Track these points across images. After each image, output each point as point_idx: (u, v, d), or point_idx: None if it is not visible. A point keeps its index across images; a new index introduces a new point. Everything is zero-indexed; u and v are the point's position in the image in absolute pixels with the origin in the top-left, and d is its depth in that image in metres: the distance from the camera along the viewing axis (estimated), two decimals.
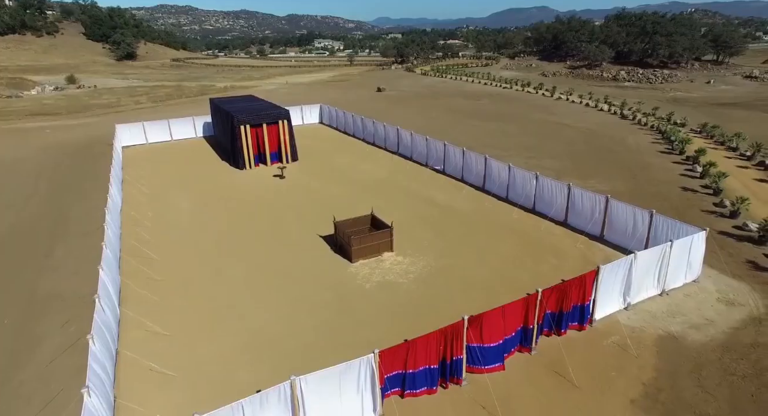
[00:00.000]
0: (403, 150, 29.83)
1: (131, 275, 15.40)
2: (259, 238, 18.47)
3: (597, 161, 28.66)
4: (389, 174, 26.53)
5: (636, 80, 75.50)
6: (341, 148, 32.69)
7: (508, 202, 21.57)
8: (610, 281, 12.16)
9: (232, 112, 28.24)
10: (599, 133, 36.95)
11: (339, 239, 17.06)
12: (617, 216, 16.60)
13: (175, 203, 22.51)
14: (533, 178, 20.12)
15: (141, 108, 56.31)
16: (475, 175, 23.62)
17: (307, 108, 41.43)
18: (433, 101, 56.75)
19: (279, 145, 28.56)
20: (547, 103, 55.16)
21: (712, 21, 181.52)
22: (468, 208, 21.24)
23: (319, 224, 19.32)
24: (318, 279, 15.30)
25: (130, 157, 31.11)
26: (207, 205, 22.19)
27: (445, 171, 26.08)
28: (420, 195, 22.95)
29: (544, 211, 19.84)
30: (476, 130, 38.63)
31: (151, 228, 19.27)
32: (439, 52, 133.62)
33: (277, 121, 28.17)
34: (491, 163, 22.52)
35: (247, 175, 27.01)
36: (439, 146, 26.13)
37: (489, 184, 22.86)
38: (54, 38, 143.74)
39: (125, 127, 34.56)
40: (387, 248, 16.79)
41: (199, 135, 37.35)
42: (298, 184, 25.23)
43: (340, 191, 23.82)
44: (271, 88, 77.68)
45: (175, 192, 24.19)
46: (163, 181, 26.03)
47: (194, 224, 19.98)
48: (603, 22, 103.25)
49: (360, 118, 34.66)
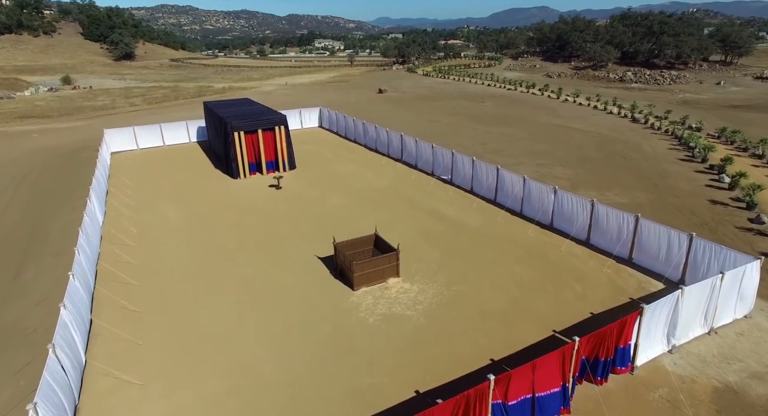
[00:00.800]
0: (407, 157, 28.13)
1: (104, 306, 13.72)
2: (252, 258, 16.80)
3: (612, 169, 26.96)
4: (392, 183, 24.86)
5: (643, 81, 73.77)
6: (341, 155, 31.01)
7: (523, 217, 19.88)
8: (654, 321, 10.48)
9: (225, 118, 26.57)
10: (611, 137, 35.26)
11: (339, 263, 15.38)
12: (649, 238, 14.91)
13: (162, 216, 20.83)
14: (551, 192, 18.44)
15: (136, 110, 54.68)
16: (486, 187, 21.92)
17: (306, 111, 39.75)
18: (435, 103, 55.08)
19: (276, 152, 26.88)
20: (554, 105, 53.49)
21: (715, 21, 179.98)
22: (479, 223, 19.55)
23: (317, 241, 17.66)
24: (316, 309, 13.62)
25: (119, 164, 29.45)
26: (197, 219, 20.51)
27: (452, 181, 24.39)
28: (426, 207, 21.27)
29: (564, 229, 18.14)
30: (482, 134, 36.96)
31: (133, 248, 17.59)
32: (440, 53, 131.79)
33: (273, 127, 26.49)
34: (504, 175, 20.83)
35: (242, 185, 25.34)
36: (447, 154, 24.45)
37: (501, 197, 21.17)
38: (51, 38, 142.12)
39: (115, 132, 32.90)
40: (393, 273, 15.11)
41: (192, 140, 35.71)
42: (295, 194, 23.56)
43: (341, 202, 22.16)
44: (270, 89, 76.07)
45: (164, 203, 22.52)
46: (151, 190, 24.36)
47: (181, 241, 18.29)
48: (608, 22, 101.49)
49: (362, 123, 32.98)
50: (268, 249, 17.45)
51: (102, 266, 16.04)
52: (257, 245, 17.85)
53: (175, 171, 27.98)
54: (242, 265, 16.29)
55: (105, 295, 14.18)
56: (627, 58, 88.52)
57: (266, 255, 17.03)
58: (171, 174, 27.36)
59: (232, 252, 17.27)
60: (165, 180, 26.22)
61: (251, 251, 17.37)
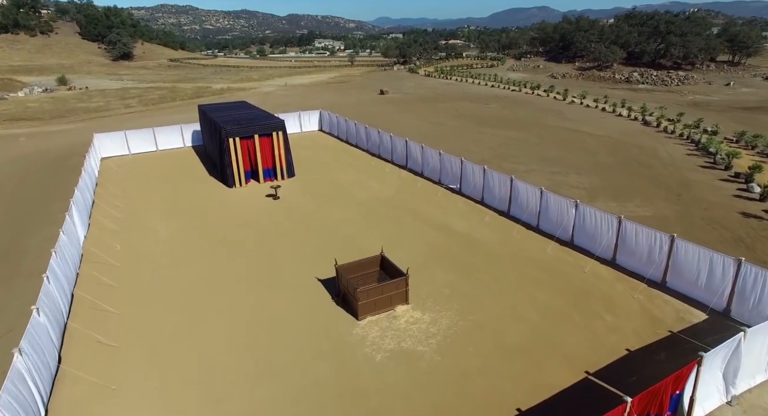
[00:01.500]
0: (412, 165, 26.58)
1: (76, 341, 12.20)
2: (246, 281, 15.28)
3: (630, 177, 25.43)
4: (397, 193, 23.33)
5: (650, 82, 72.23)
6: (343, 161, 29.47)
7: (540, 232, 18.35)
8: (711, 369, 8.96)
9: (220, 123, 25.04)
10: (625, 142, 33.73)
11: (342, 288, 13.85)
12: (686, 261, 13.38)
13: (150, 231, 19.30)
14: (572, 206, 16.91)
15: (130, 112, 53.16)
16: (499, 198, 20.36)
17: (305, 114, 38.22)
18: (439, 105, 53.56)
19: (273, 159, 25.35)
20: (560, 107, 51.98)
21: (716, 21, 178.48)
22: (493, 239, 18.02)
23: (317, 260, 16.15)
24: (315, 344, 12.10)
25: (108, 171, 27.92)
26: (188, 234, 18.98)
27: (461, 191, 22.86)
28: (435, 221, 19.74)
29: (587, 247, 16.61)
30: (489, 138, 35.43)
31: (115, 269, 16.06)
32: (442, 53, 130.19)
33: (271, 132, 24.96)
34: (518, 186, 19.29)
35: (237, 195, 23.81)
36: (455, 162, 22.91)
37: (516, 210, 19.63)
38: (48, 38, 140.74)
39: (105, 137, 31.38)
40: (401, 300, 13.58)
41: (187, 144, 34.17)
42: (294, 205, 22.02)
43: (342, 214, 20.63)
44: (269, 90, 74.58)
45: (153, 216, 20.99)
46: (140, 200, 22.82)
47: (169, 261, 16.76)
48: (613, 22, 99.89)
49: (364, 127, 31.44)
50: (263, 271, 15.92)
51: (78, 292, 14.50)
52: (251, 265, 16.31)
53: (168, 178, 26.47)
54: (234, 290, 14.76)
55: (77, 329, 12.65)
56: (632, 59, 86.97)
57: (261, 277, 15.50)
58: (163, 182, 25.85)
59: (223, 274, 15.74)
60: (156, 189, 24.70)
61: (244, 272, 15.84)
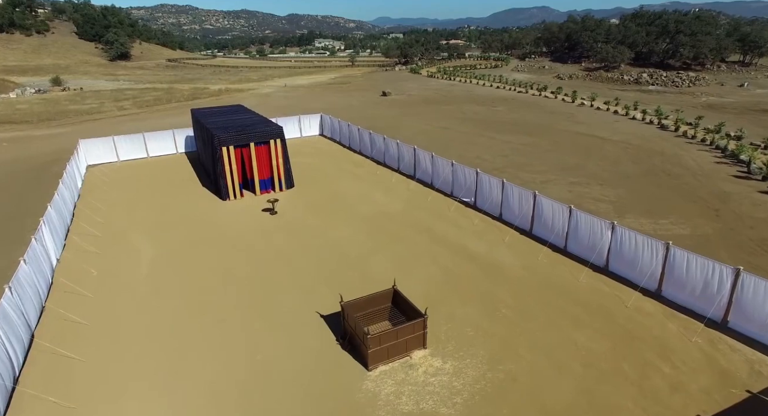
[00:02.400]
0: (422, 175, 24.54)
1: (28, 403, 10.18)
2: (237, 315, 13.26)
3: (658, 189, 23.43)
4: (407, 207, 21.31)
5: (660, 83, 70.23)
6: (346, 169, 27.45)
7: (569, 255, 16.34)
8: None
9: (213, 130, 23.02)
10: (645, 148, 31.71)
11: (348, 329, 11.84)
12: (757, 300, 11.38)
13: (132, 253, 17.27)
14: (607, 228, 14.90)
15: (124, 115, 51.11)
16: (521, 216, 18.33)
17: (305, 118, 36.20)
18: (444, 107, 51.54)
19: (271, 169, 23.35)
20: (570, 109, 49.97)
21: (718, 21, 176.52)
22: (516, 263, 16.01)
23: (318, 288, 14.18)
24: (316, 404, 10.09)
25: (94, 181, 25.90)
26: (174, 257, 16.96)
27: (476, 205, 20.85)
28: (449, 240, 17.73)
29: (626, 275, 14.59)
30: (500, 144, 33.40)
31: (87, 301, 14.04)
32: (444, 53, 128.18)
33: (268, 140, 22.94)
34: (542, 203, 17.27)
35: (231, 208, 21.79)
36: (469, 174, 20.88)
37: (540, 229, 17.62)
38: (44, 37, 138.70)
39: (92, 143, 29.38)
40: (418, 344, 11.58)
41: (180, 150, 32.17)
42: (292, 221, 20.00)
43: (346, 232, 18.62)
44: (268, 91, 72.57)
45: (137, 233, 18.97)
46: (125, 215, 20.80)
47: (151, 290, 14.74)
48: (619, 22, 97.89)
49: (368, 133, 29.40)
50: (257, 304, 13.90)
51: (42, 333, 12.48)
52: (243, 296, 14.29)
53: (156, 189, 24.46)
54: (223, 329, 12.74)
55: (33, 384, 10.64)
56: (640, 59, 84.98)
57: (254, 312, 13.47)
58: (151, 193, 23.83)
59: (211, 309, 13.71)
60: (143, 201, 22.68)
61: (235, 306, 13.82)
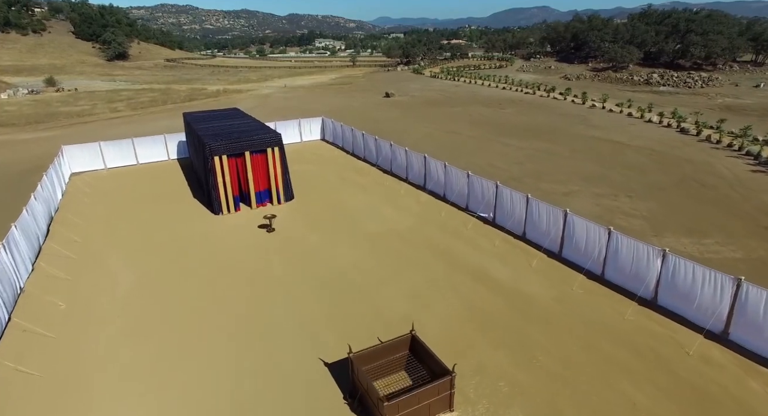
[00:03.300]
0: (433, 186, 22.44)
1: None
2: (225, 364, 11.19)
3: (694, 202, 21.36)
4: (418, 223, 19.23)
5: (672, 84, 68.13)
6: (349, 178, 25.38)
7: (610, 285, 14.26)
8: None
9: (205, 137, 20.94)
10: (670, 155, 29.64)
11: (359, 387, 9.77)
12: None
13: (109, 280, 15.20)
14: (657, 257, 12.82)
15: (116, 117, 49.06)
16: (550, 237, 16.23)
17: (306, 122, 34.12)
18: (450, 109, 49.49)
19: (268, 180, 21.29)
20: (581, 111, 47.93)
21: None
22: (548, 294, 13.93)
23: (321, 326, 12.15)
24: None
25: (76, 191, 23.86)
26: (156, 283, 14.90)
27: (496, 221, 18.77)
28: (469, 265, 15.66)
29: (683, 313, 12.51)
30: (514, 151, 31.31)
31: (49, 347, 11.96)
32: (447, 53, 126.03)
33: (264, 148, 20.88)
34: (576, 223, 15.19)
35: (224, 224, 19.71)
36: (488, 187, 18.80)
37: (572, 252, 15.54)
38: (41, 37, 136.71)
39: (76, 149, 27.35)
40: (444, 407, 9.53)
41: (172, 157, 30.13)
42: (292, 240, 17.93)
43: (352, 254, 16.56)
44: (267, 92, 70.53)
45: (117, 255, 16.91)
46: (105, 233, 18.74)
47: (125, 329, 12.66)
48: (627, 21, 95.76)
49: (374, 139, 27.31)
50: (249, 349, 11.82)
51: None
52: (232, 339, 12.20)
53: (144, 201, 22.40)
54: (207, 384, 10.67)
55: None
56: (649, 59, 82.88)
57: (245, 361, 11.39)
58: (137, 205, 21.77)
59: (194, 354, 11.63)
60: (127, 215, 20.62)
61: (223, 352, 11.73)
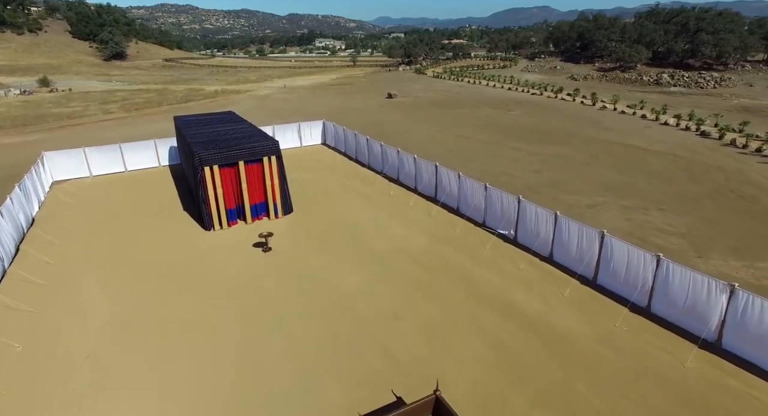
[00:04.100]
0: (446, 199, 20.43)
1: None
2: None
3: (735, 216, 19.36)
4: (431, 242, 17.25)
5: (683, 84, 66.11)
6: (353, 188, 23.41)
7: (661, 321, 12.27)
8: None
9: (194, 145, 18.96)
10: (697, 162, 27.68)
11: None
12: None
13: (79, 313, 13.20)
14: (720, 292, 10.85)
15: (108, 119, 47.09)
16: (582, 260, 14.24)
17: (306, 125, 32.15)
18: (456, 111, 47.52)
19: (264, 192, 19.31)
20: (592, 113, 46.03)
21: None
22: (589, 333, 11.93)
23: (325, 376, 10.12)
24: None
25: (56, 202, 21.88)
26: (133, 318, 12.92)
27: (518, 240, 16.81)
28: (493, 294, 13.68)
29: (757, 360, 10.54)
30: (527, 156, 29.32)
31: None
32: (449, 53, 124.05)
33: (260, 157, 18.90)
34: (614, 246, 13.21)
35: (215, 243, 17.72)
36: (509, 202, 16.82)
37: (611, 280, 13.55)
38: (36, 36, 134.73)
39: (58, 156, 25.40)
40: None
41: (163, 163, 28.17)
42: (290, 262, 15.95)
43: (358, 281, 14.57)
44: (266, 93, 68.57)
45: (92, 281, 14.92)
46: (81, 254, 16.76)
47: (91, 384, 10.67)
48: (635, 19, 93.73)
49: (379, 145, 25.32)
50: (242, 397, 9.85)
51: None
52: (221, 397, 10.23)
53: (129, 214, 20.42)
54: None
55: None
56: (657, 59, 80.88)
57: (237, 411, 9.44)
58: (121, 220, 19.79)
59: (177, 406, 9.67)
60: (109, 231, 18.64)
61: (210, 404, 9.76)
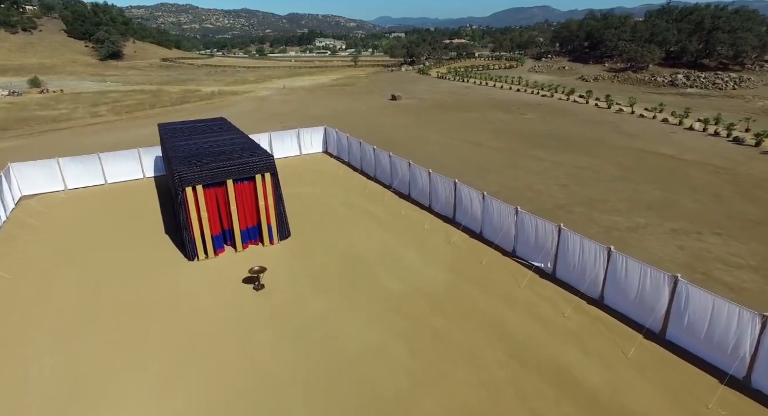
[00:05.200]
0: (469, 222, 17.66)
1: None
2: None
3: None
4: (453, 278, 14.50)
5: (699, 85, 63.38)
6: (358, 206, 20.67)
7: (764, 399, 9.55)
8: None
9: (176, 161, 16.22)
10: (741, 173, 24.95)
11: None
12: None
13: (14, 386, 10.50)
14: None
15: (96, 122, 44.37)
16: (648, 309, 11.48)
17: (305, 132, 29.41)
18: (464, 115, 44.77)
19: (257, 214, 16.59)
20: (609, 117, 43.30)
21: None
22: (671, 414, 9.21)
23: None
24: None
25: (18, 224, 19.14)
26: (84, 386, 10.20)
27: (557, 276, 14.08)
28: (537, 353, 10.95)
29: None
30: (551, 168, 26.54)
31: None
32: (452, 52, 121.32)
33: (252, 175, 16.17)
34: (691, 295, 10.48)
35: (198, 276, 14.97)
36: (547, 230, 14.08)
37: (686, 337, 10.79)
38: (31, 35, 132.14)
39: (27, 168, 22.68)
40: None
41: (148, 174, 25.50)
42: (286, 306, 13.21)
43: (370, 334, 11.83)
44: (265, 94, 65.86)
45: (42, 333, 12.18)
46: (36, 292, 14.01)
47: None
48: (645, 18, 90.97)
49: (387, 156, 22.58)
50: None
51: None
52: None
53: (102, 238, 17.71)
54: None
55: None
56: (670, 59, 78.12)
57: None
58: (91, 245, 17.06)
59: None
60: (74, 262, 15.90)
61: None
